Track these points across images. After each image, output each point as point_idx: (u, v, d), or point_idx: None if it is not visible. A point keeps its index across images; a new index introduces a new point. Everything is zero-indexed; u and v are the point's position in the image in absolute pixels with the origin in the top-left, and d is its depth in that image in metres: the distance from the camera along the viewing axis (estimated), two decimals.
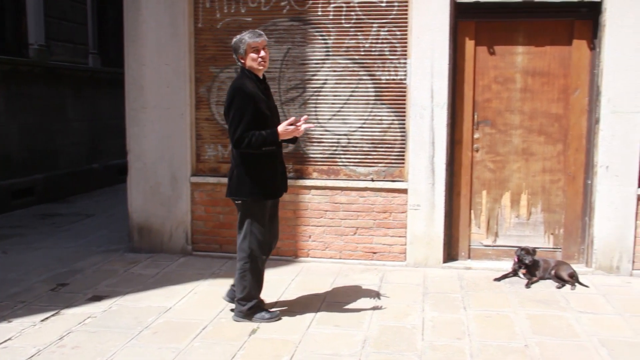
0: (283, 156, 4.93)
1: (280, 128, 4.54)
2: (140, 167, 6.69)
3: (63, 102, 10.40)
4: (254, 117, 4.49)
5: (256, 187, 4.62)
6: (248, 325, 4.75)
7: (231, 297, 5.00)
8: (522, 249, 5.90)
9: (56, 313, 5.00)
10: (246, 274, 4.74)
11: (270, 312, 4.91)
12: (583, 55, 6.12)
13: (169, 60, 6.51)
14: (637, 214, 6.00)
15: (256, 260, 4.75)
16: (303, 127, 4.68)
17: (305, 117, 4.79)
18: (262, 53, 4.57)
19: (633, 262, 6.04)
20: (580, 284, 5.75)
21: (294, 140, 4.87)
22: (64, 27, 10.67)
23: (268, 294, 5.43)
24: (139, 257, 6.60)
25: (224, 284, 5.71)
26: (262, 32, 4.64)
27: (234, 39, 4.64)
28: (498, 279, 5.92)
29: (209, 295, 5.47)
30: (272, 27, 6.39)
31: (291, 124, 4.59)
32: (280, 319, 4.87)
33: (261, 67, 4.62)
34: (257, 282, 4.83)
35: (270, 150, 4.60)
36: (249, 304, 4.81)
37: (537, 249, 6.04)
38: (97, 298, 5.35)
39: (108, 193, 10.82)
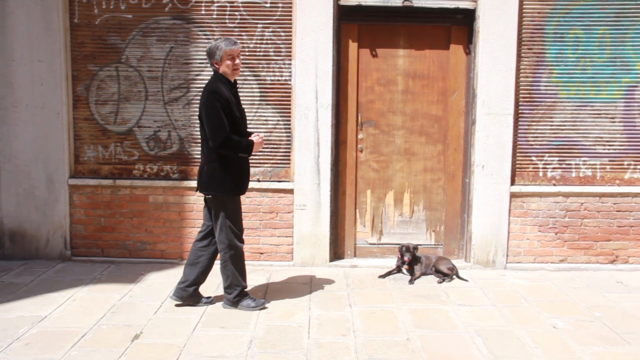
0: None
1: (256, 140, 4.97)
2: (12, 170, 6.32)
3: None
4: (228, 119, 4.81)
5: (227, 182, 4.91)
6: (131, 331, 4.59)
7: (178, 295, 5.13)
8: (404, 246, 6.07)
9: None
10: (227, 263, 5.02)
11: (255, 300, 5.16)
12: (460, 59, 6.40)
13: (42, 56, 6.18)
14: (510, 210, 6.35)
15: (235, 249, 5.01)
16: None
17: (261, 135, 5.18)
18: (237, 60, 4.91)
19: (507, 256, 6.38)
20: (460, 278, 5.99)
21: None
22: None
23: (153, 297, 5.30)
24: (11, 265, 6.21)
25: (105, 290, 5.51)
26: (236, 40, 4.95)
27: (210, 45, 4.92)
28: (383, 276, 6.06)
29: (89, 301, 5.23)
30: (154, 25, 6.23)
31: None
32: (265, 307, 5.13)
33: (235, 74, 4.95)
34: (240, 270, 5.07)
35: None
36: (234, 292, 5.07)
37: (419, 246, 6.25)
38: None
39: None
